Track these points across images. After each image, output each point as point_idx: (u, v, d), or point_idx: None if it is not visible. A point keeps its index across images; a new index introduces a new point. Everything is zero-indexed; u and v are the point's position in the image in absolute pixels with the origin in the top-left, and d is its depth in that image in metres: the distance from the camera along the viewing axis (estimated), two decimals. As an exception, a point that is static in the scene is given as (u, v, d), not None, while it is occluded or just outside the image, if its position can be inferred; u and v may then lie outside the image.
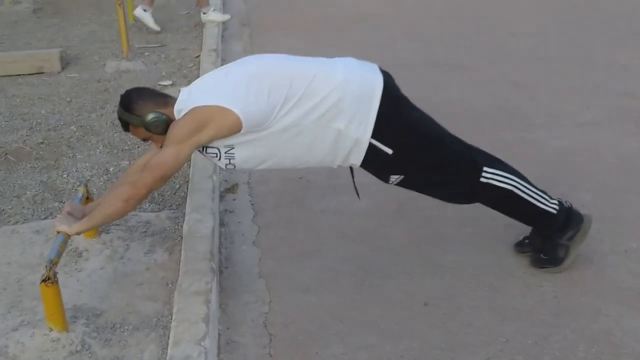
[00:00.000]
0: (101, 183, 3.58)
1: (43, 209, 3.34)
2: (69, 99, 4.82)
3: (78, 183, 3.58)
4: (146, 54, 5.91)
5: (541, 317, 2.64)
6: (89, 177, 3.65)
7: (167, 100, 2.63)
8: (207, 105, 2.46)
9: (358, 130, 2.53)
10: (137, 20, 6.56)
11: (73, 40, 6.31)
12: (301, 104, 2.49)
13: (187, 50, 6.02)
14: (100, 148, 4.02)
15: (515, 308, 2.70)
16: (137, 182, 2.50)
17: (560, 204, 2.85)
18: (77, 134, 4.22)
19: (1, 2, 7.59)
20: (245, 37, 6.65)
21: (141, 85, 5.04)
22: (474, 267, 2.95)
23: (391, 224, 3.29)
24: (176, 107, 2.57)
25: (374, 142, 2.55)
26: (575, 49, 5.95)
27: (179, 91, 2.64)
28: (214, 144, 2.54)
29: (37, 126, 4.34)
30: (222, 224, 3.33)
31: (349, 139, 2.54)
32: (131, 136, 4.10)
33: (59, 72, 5.41)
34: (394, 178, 2.70)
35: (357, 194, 2.89)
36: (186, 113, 2.50)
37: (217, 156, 2.59)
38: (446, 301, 2.75)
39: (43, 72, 5.40)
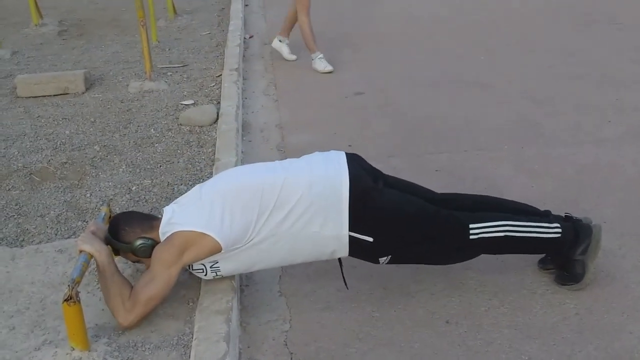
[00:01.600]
0: (124, 202, 3.62)
1: (66, 228, 3.39)
2: (92, 119, 4.88)
3: (101, 202, 3.62)
4: (169, 74, 5.98)
5: (564, 335, 2.62)
6: (111, 197, 3.69)
7: (153, 224, 2.75)
8: (187, 231, 2.59)
9: (334, 229, 2.63)
10: (273, 51, 6.67)
11: (97, 62, 6.40)
12: (274, 216, 2.61)
13: (209, 70, 6.08)
14: (123, 167, 4.07)
15: (537, 326, 2.68)
16: (130, 312, 2.56)
17: (563, 223, 2.84)
18: (100, 153, 4.27)
19: (27, 25, 7.72)
20: (267, 56, 6.71)
21: (164, 105, 5.10)
22: (495, 285, 2.93)
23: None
24: (160, 230, 2.69)
25: (353, 234, 2.64)
26: (595, 64, 5.92)
27: (163, 211, 2.76)
28: (199, 262, 2.67)
29: (61, 146, 4.40)
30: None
31: (328, 238, 2.64)
32: (154, 155, 4.18)
33: (83, 93, 5.49)
34: (383, 259, 2.76)
35: (345, 284, 2.91)
36: (168, 237, 2.62)
37: (203, 272, 2.72)
38: (467, 319, 2.74)
39: (68, 93, 5.48)
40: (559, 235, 2.80)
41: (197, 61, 6.36)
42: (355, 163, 2.76)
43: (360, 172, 2.73)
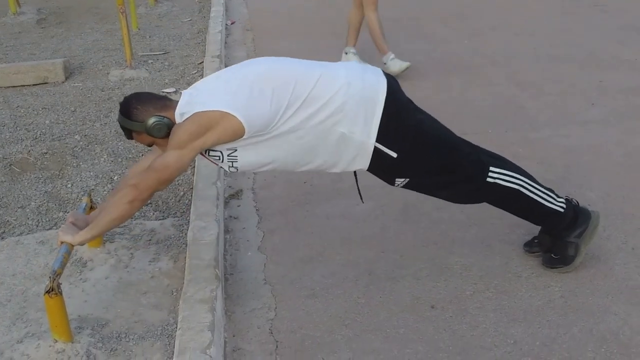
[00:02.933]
0: (105, 192, 3.58)
1: (47, 220, 3.34)
2: (73, 109, 4.83)
3: (82, 192, 3.58)
4: (150, 61, 5.92)
5: (549, 318, 2.62)
6: (93, 187, 3.65)
7: (167, 104, 2.60)
8: (210, 111, 2.43)
9: (362, 134, 2.51)
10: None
11: (77, 50, 6.32)
12: (304, 108, 2.47)
13: (190, 57, 6.02)
14: (105, 157, 4.02)
15: (523, 309, 2.68)
16: (139, 184, 2.48)
17: (567, 202, 2.83)
18: (81, 143, 4.22)
19: (5, 13, 7.61)
20: (249, 43, 6.66)
21: (145, 91, 5.05)
22: (480, 269, 2.93)
23: (396, 227, 3.28)
24: (178, 110, 2.54)
25: (379, 146, 2.54)
26: (579, 47, 5.93)
27: (181, 94, 2.62)
28: (217, 147, 2.53)
29: (42, 136, 4.34)
30: (226, 230, 3.32)
31: (353, 142, 2.53)
32: (135, 144, 4.13)
33: (63, 82, 5.43)
34: (400, 181, 2.69)
35: (361, 198, 2.87)
36: (189, 117, 2.47)
37: (220, 159, 2.57)
38: (453, 304, 2.73)
39: (47, 82, 5.41)
40: (563, 210, 2.80)
41: (178, 48, 6.30)
42: (392, 80, 2.65)
43: (397, 86, 2.63)
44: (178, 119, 2.53)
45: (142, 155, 4.01)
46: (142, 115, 2.56)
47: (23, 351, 2.41)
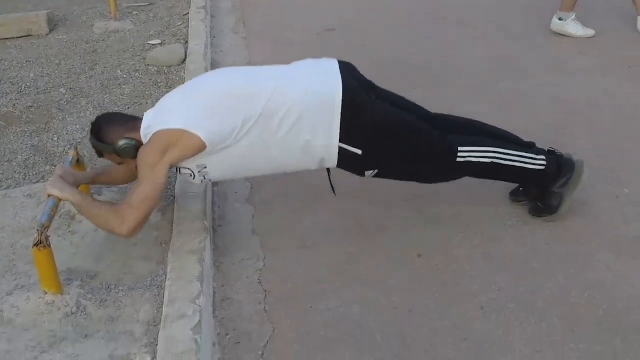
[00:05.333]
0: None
1: (35, 173, 3.33)
2: (57, 62, 4.77)
3: (69, 146, 3.56)
4: (134, 13, 5.83)
5: (534, 265, 2.65)
6: (79, 140, 3.63)
7: (136, 125, 2.66)
8: (169, 129, 2.52)
9: (325, 138, 2.57)
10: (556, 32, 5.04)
11: (60, 2, 6.21)
12: (262, 123, 2.53)
13: (176, 8, 5.94)
14: (91, 110, 3.99)
15: (508, 257, 2.71)
16: (128, 224, 2.47)
17: (549, 155, 2.84)
18: (66, 96, 4.19)
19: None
20: (235, -7, 6.56)
21: (130, 45, 5.00)
22: (467, 217, 2.95)
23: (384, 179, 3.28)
24: (142, 132, 2.61)
25: (343, 145, 2.59)
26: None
27: (143, 115, 2.68)
28: (187, 164, 2.60)
29: (27, 90, 4.30)
30: (214, 182, 3.32)
31: (318, 147, 2.59)
32: (121, 97, 4.11)
33: (47, 35, 5.35)
34: (369, 173, 2.73)
35: (334, 191, 2.89)
36: (151, 138, 2.55)
37: (191, 176, 2.67)
38: (440, 252, 2.76)
39: (31, 35, 5.34)
40: (544, 167, 2.81)
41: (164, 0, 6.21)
42: (348, 73, 2.68)
43: (353, 82, 2.65)
44: (143, 140, 2.61)
45: (129, 108, 3.99)
46: (112, 138, 2.65)
47: (13, 303, 2.42)
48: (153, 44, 5.04)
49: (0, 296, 2.47)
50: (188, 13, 5.70)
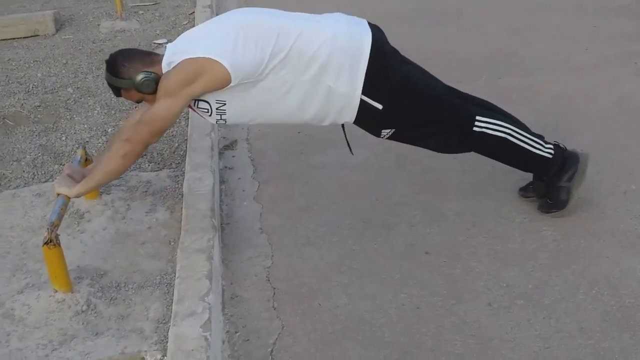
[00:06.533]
0: (100, 144, 3.58)
1: (43, 172, 3.35)
2: (64, 61, 4.79)
3: (77, 145, 3.58)
4: (140, 12, 5.85)
5: (541, 262, 2.66)
6: (87, 139, 3.65)
7: (154, 58, 2.60)
8: (196, 57, 2.44)
9: (348, 86, 2.53)
10: None
11: (66, 2, 6.24)
12: (289, 61, 2.48)
13: (182, 7, 5.96)
14: (98, 109, 4.01)
15: (515, 253, 2.72)
16: (132, 138, 2.50)
17: (555, 147, 2.85)
18: (74, 95, 4.21)
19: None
20: (240, -8, 6.57)
21: (136, 45, 5.01)
22: (473, 214, 2.96)
23: (390, 175, 3.30)
24: (164, 61, 2.54)
25: (364, 98, 2.56)
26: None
27: (165, 47, 2.62)
28: (206, 97, 2.53)
29: (34, 89, 4.32)
30: (222, 181, 3.34)
31: (340, 95, 2.54)
32: (127, 97, 4.11)
33: (54, 34, 5.38)
34: (385, 132, 2.70)
35: (350, 150, 2.88)
36: (175, 65, 2.47)
37: (208, 112, 2.58)
38: (446, 249, 2.77)
39: (38, 35, 5.36)
40: (551, 156, 2.81)
41: (169, -1, 6.23)
42: (378, 31, 2.66)
43: (383, 38, 2.64)
44: (165, 69, 2.53)
45: (136, 107, 4.00)
46: (130, 72, 2.56)
47: (23, 301, 2.44)
48: (159, 43, 5.05)
49: (11, 295, 2.49)
50: (194, 12, 5.71)
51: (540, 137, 2.84)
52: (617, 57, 4.48)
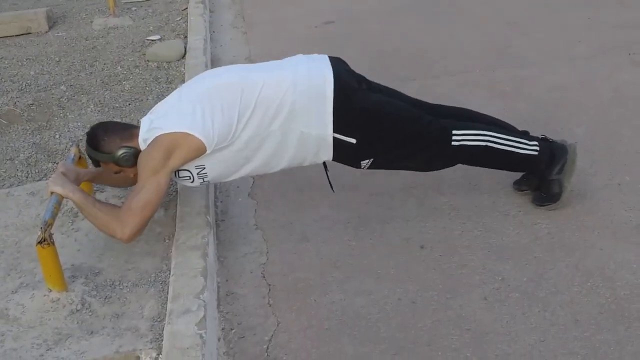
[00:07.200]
0: (94, 142, 3.57)
1: (37, 171, 3.34)
2: (57, 59, 4.78)
3: (70, 143, 3.57)
4: (133, 9, 5.83)
5: (536, 255, 2.66)
6: (81, 137, 3.63)
7: (133, 132, 2.66)
8: (170, 133, 2.51)
9: (319, 128, 2.59)
10: None
11: (58, -1, 6.23)
12: (256, 115, 2.55)
13: (175, 3, 5.94)
14: (91, 107, 4.00)
15: (510, 247, 2.72)
16: (127, 228, 2.47)
17: (542, 142, 2.85)
18: (67, 93, 4.20)
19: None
20: (233, -13, 6.56)
21: (130, 41, 5.00)
22: (468, 209, 2.96)
23: (385, 170, 3.28)
24: (140, 137, 2.60)
25: (337, 135, 2.60)
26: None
27: (139, 122, 2.67)
28: (186, 167, 2.60)
29: (27, 87, 4.31)
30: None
31: (313, 138, 2.60)
32: (122, 93, 4.11)
33: (47, 32, 5.36)
34: (365, 162, 2.74)
35: (332, 188, 2.91)
36: (151, 142, 2.54)
37: (190, 179, 2.66)
38: (442, 243, 2.77)
39: (30, 33, 5.34)
40: (537, 153, 2.82)
41: (162, -6, 6.21)
42: (339, 65, 2.72)
43: (344, 73, 2.69)
44: (142, 146, 2.59)
45: (129, 104, 4.00)
46: (110, 146, 2.63)
47: (18, 301, 2.44)
48: (152, 40, 5.04)
49: (5, 294, 2.49)
50: (187, 8, 5.70)
51: (524, 134, 2.85)
52: (611, 48, 4.48)
